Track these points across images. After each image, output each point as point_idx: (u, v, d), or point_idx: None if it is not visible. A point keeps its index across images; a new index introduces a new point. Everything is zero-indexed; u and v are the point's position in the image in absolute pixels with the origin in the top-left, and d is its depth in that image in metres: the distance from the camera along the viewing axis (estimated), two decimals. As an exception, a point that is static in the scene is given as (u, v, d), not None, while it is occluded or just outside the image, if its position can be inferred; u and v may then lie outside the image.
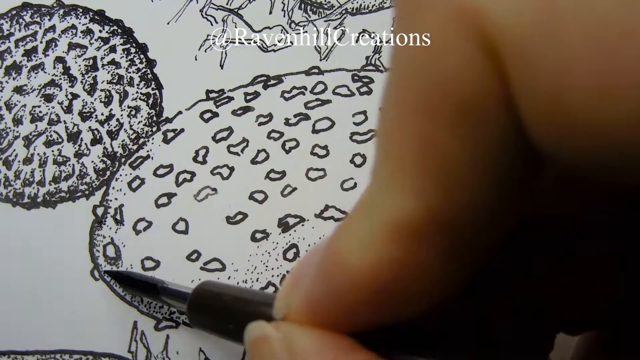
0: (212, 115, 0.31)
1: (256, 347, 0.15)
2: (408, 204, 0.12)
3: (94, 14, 0.32)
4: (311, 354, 0.13)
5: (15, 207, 0.30)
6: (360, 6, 0.33)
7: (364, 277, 0.12)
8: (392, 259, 0.12)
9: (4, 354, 0.28)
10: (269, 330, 0.15)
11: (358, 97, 0.31)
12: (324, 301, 0.14)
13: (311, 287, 0.14)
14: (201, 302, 0.21)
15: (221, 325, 0.20)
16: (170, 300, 0.25)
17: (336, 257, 0.13)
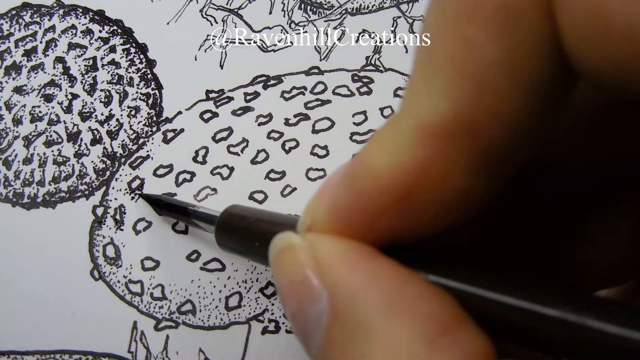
0: (212, 115, 0.31)
1: (281, 257, 0.15)
2: (439, 106, 0.12)
3: (93, 14, 0.32)
4: (336, 260, 0.13)
5: (15, 207, 0.30)
6: (360, 6, 0.33)
7: (389, 179, 0.12)
8: (418, 161, 0.12)
9: (4, 354, 0.28)
10: (295, 240, 0.15)
11: (358, 97, 0.31)
12: (348, 207, 0.13)
13: (336, 193, 0.14)
14: (228, 223, 0.22)
15: (247, 244, 0.20)
16: (200, 223, 0.26)
17: (363, 162, 0.13)
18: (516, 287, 0.12)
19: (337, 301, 0.13)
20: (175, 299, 0.28)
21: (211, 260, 0.29)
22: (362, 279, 0.13)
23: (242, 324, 0.28)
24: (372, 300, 0.12)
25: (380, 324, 0.12)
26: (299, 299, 0.14)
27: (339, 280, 0.13)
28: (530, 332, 0.12)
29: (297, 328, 0.14)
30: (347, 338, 0.12)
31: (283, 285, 0.14)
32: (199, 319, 0.28)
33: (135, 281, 0.29)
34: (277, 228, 0.16)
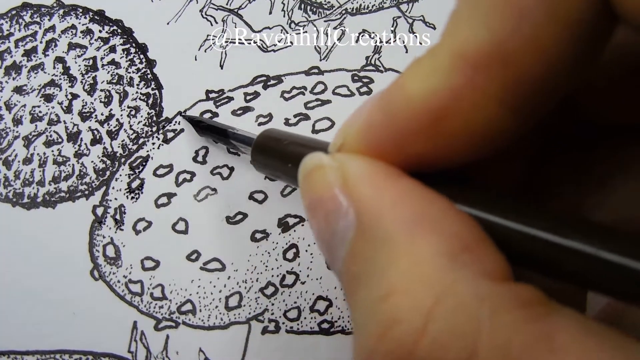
0: (212, 115, 0.31)
1: (311, 175, 0.15)
2: (478, 35, 0.12)
3: (93, 14, 0.32)
4: (363, 179, 0.14)
5: (15, 207, 0.30)
6: (360, 6, 0.33)
7: (422, 104, 0.13)
8: (452, 87, 0.12)
9: (4, 354, 0.28)
10: (325, 159, 0.15)
11: (358, 97, 0.31)
12: (380, 129, 0.14)
13: (370, 114, 0.14)
14: (264, 145, 0.23)
15: (281, 165, 0.21)
16: (238, 144, 0.27)
17: (399, 87, 0.13)
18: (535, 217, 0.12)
19: (363, 216, 0.13)
20: (175, 299, 0.28)
21: (211, 260, 0.29)
22: (388, 197, 0.13)
23: (242, 324, 0.28)
24: (397, 216, 0.13)
25: (404, 238, 0.12)
26: (326, 215, 0.14)
27: (366, 197, 0.13)
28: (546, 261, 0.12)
29: (323, 243, 0.14)
30: (371, 251, 0.13)
31: (311, 202, 0.15)
32: (199, 319, 0.28)
33: (135, 281, 0.29)
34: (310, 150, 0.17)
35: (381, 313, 0.12)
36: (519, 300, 0.11)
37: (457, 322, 0.11)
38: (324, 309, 0.28)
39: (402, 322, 0.11)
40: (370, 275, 0.13)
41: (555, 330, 0.10)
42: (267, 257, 0.29)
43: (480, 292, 0.11)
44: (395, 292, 0.12)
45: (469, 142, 0.13)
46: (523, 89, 0.12)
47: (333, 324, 0.28)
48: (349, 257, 0.13)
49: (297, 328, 0.28)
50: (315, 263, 0.29)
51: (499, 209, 0.13)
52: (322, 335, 0.28)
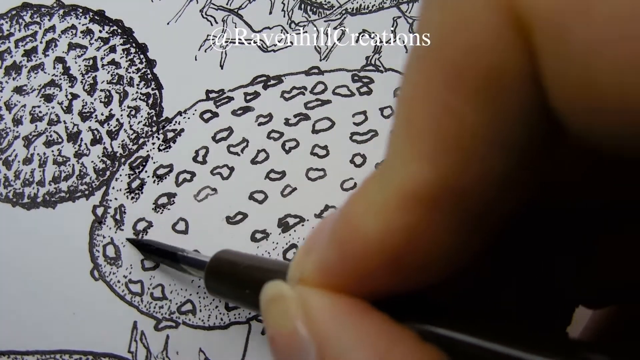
0: (212, 115, 0.31)
1: (271, 305, 0.15)
2: (423, 172, 0.12)
3: (94, 14, 0.32)
4: (325, 313, 0.13)
5: (15, 207, 0.30)
6: (360, 6, 0.33)
7: (376, 243, 0.13)
8: (405, 226, 0.12)
9: (4, 354, 0.28)
10: (285, 289, 0.15)
11: (358, 97, 0.31)
12: (336, 267, 0.14)
13: (324, 253, 0.14)
14: (218, 269, 0.22)
15: (237, 291, 0.20)
16: (189, 268, 0.25)
17: (349, 224, 0.13)
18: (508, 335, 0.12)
19: (325, 356, 0.13)
20: (175, 298, 0.28)
21: (211, 260, 0.29)
22: (350, 336, 0.13)
23: (242, 324, 0.28)
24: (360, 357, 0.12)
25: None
26: (288, 350, 0.14)
27: (328, 335, 0.13)
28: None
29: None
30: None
31: (272, 335, 0.14)
32: (199, 319, 0.28)
33: (135, 281, 0.29)
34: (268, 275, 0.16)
35: None
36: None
37: None
38: (324, 309, 0.28)
39: None
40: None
41: None
42: (267, 257, 0.29)
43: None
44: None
45: (429, 270, 0.13)
46: (476, 214, 0.12)
47: (333, 324, 0.28)
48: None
49: (297, 328, 0.28)
50: (315, 263, 0.29)
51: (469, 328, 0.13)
52: (322, 335, 0.28)
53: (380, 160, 0.30)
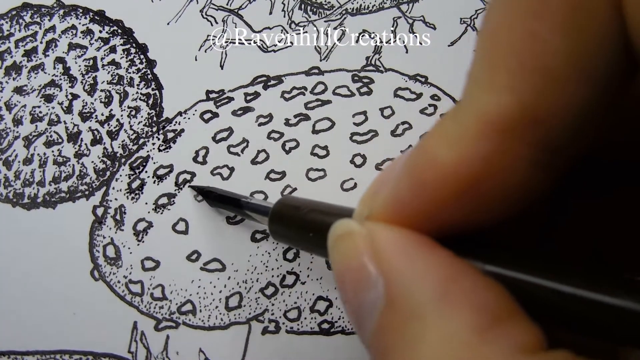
0: (212, 115, 0.31)
1: (339, 243, 0.15)
2: (504, 100, 0.12)
3: (94, 14, 0.32)
4: (393, 249, 0.14)
5: (15, 208, 0.30)
6: (360, 6, 0.33)
7: (451, 172, 0.13)
8: (481, 155, 0.12)
9: (4, 354, 0.28)
10: (355, 227, 0.15)
11: (358, 98, 0.31)
12: (409, 198, 0.14)
13: (397, 184, 0.14)
14: (282, 214, 0.22)
15: (301, 234, 0.20)
16: (253, 214, 0.26)
17: (425, 154, 0.13)
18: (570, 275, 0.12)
19: (392, 289, 0.13)
20: (175, 299, 0.28)
21: (211, 260, 0.29)
22: (418, 269, 0.13)
23: (242, 324, 0.28)
24: (426, 289, 0.13)
25: (433, 312, 0.12)
26: (355, 285, 0.14)
27: (396, 268, 0.13)
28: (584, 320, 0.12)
29: (352, 313, 0.14)
30: (400, 325, 0.13)
31: (340, 271, 0.15)
32: (199, 319, 0.28)
33: (135, 281, 0.29)
34: (331, 219, 0.17)
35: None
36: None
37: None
38: (324, 309, 0.28)
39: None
40: (400, 350, 0.13)
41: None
42: (267, 257, 0.29)
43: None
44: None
45: (500, 205, 0.13)
46: (552, 147, 0.12)
47: (333, 324, 0.28)
48: (378, 328, 0.13)
49: (297, 328, 0.28)
50: (315, 263, 0.29)
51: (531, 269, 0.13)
52: (322, 336, 0.28)
53: (380, 161, 0.30)
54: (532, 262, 0.13)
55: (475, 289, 0.13)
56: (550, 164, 0.12)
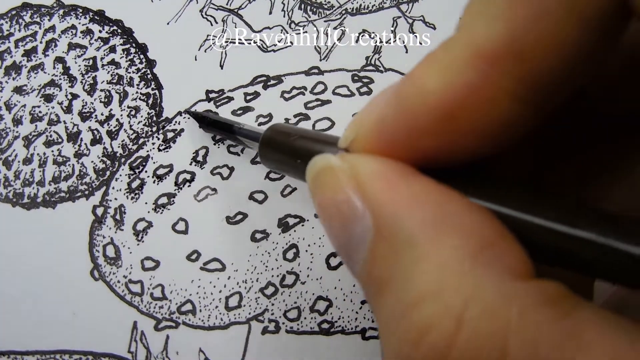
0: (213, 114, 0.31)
1: (320, 177, 0.15)
2: (495, 30, 0.12)
3: (93, 14, 0.32)
4: (377, 179, 0.14)
5: (15, 207, 0.30)
6: (360, 6, 0.33)
7: (438, 99, 0.13)
8: (468, 83, 0.12)
9: (4, 354, 0.28)
10: (334, 161, 0.15)
11: (358, 97, 0.31)
12: (395, 124, 0.14)
13: (384, 110, 0.14)
14: (272, 140, 0.22)
15: (289, 161, 0.20)
16: (245, 140, 0.27)
17: (413, 81, 0.13)
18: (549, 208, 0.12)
19: (381, 220, 0.13)
20: (175, 299, 0.28)
21: (211, 260, 0.29)
22: (404, 197, 0.13)
23: (242, 324, 0.28)
24: (415, 217, 0.13)
25: (424, 240, 0.12)
26: (342, 218, 0.14)
27: (382, 198, 0.13)
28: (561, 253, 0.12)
29: (340, 246, 0.14)
30: (392, 254, 0.13)
31: (324, 205, 0.15)
32: (199, 319, 0.28)
33: (135, 281, 0.29)
34: (319, 146, 0.17)
35: (413, 320, 0.12)
36: (545, 298, 0.11)
37: (487, 324, 0.11)
38: (324, 309, 0.28)
39: (435, 327, 0.12)
40: (395, 280, 0.13)
41: (582, 327, 0.11)
42: (267, 257, 0.29)
43: (507, 292, 0.11)
44: (424, 298, 0.12)
45: (483, 136, 0.13)
46: (538, 83, 0.12)
47: (333, 324, 0.28)
48: (370, 260, 0.13)
49: (297, 328, 0.28)
50: (315, 263, 0.29)
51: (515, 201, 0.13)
52: (322, 336, 0.28)
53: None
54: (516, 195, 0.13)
55: (464, 213, 0.13)
56: (535, 100, 0.13)
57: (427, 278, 0.12)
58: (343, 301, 0.28)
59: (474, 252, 0.12)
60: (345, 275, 0.28)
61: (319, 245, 0.29)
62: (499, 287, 0.11)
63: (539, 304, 0.11)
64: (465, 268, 0.12)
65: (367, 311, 0.28)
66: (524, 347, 0.11)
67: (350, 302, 0.28)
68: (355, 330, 0.28)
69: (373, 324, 0.28)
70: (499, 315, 0.11)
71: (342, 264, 0.28)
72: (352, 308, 0.28)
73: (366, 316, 0.28)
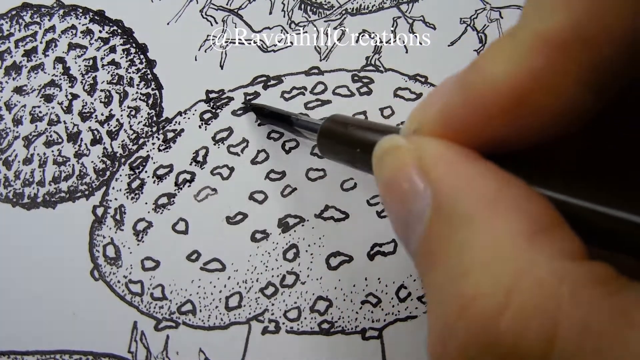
0: (212, 115, 0.31)
1: (386, 157, 0.15)
2: (559, 17, 0.12)
3: (94, 14, 0.32)
4: (441, 160, 0.14)
5: (15, 207, 0.30)
6: (360, 6, 0.33)
7: (504, 86, 0.13)
8: (534, 71, 0.13)
9: (4, 354, 0.28)
10: (401, 141, 0.15)
11: (358, 97, 0.31)
12: (459, 112, 0.14)
13: (448, 99, 0.14)
14: (331, 130, 0.22)
15: (349, 151, 0.20)
16: (303, 131, 0.27)
17: (478, 68, 0.14)
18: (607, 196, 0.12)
19: (440, 196, 0.13)
20: (175, 299, 0.28)
21: (211, 260, 0.29)
22: (465, 177, 0.13)
23: (242, 324, 0.28)
24: (474, 195, 0.13)
25: (481, 217, 0.12)
26: (402, 195, 0.14)
27: (443, 177, 0.13)
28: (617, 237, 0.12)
29: (399, 223, 0.15)
30: (449, 230, 0.13)
31: (387, 184, 0.15)
32: (199, 319, 0.28)
33: (135, 281, 0.29)
34: (378, 135, 0.17)
35: (461, 289, 0.12)
36: (595, 278, 0.11)
37: (537, 299, 0.11)
38: (324, 309, 0.28)
39: (483, 297, 0.12)
40: (448, 254, 0.13)
41: (631, 306, 0.11)
42: (267, 257, 0.29)
43: (559, 270, 0.11)
44: (474, 269, 0.12)
45: (549, 122, 0.13)
46: (602, 69, 0.12)
47: (333, 324, 0.28)
48: (427, 236, 0.13)
49: (297, 328, 0.28)
50: (315, 263, 0.29)
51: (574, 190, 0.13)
52: (322, 336, 0.28)
53: (380, 161, 0.30)
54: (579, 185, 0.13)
55: (522, 198, 0.13)
56: (601, 86, 0.13)
57: (479, 251, 0.12)
58: (343, 301, 0.28)
59: (529, 232, 0.12)
60: (345, 275, 0.28)
61: (319, 245, 0.29)
62: (552, 265, 0.11)
63: (589, 283, 0.11)
64: (519, 245, 0.12)
65: (367, 311, 0.28)
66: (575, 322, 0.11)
67: (350, 302, 0.28)
68: (355, 330, 0.28)
69: (373, 324, 0.28)
70: (551, 291, 0.11)
71: (342, 264, 0.29)
72: (352, 308, 0.28)
73: (366, 316, 0.28)
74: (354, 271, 0.28)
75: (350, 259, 0.28)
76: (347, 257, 0.29)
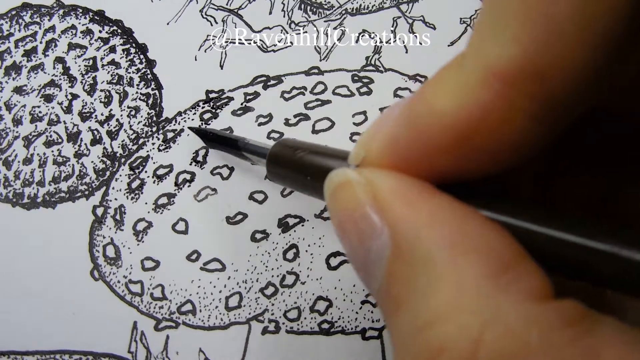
0: (212, 115, 0.31)
1: (338, 193, 0.15)
2: (509, 50, 0.12)
3: (93, 14, 0.32)
4: (396, 196, 0.13)
5: (15, 207, 0.30)
6: (360, 6, 0.33)
7: (452, 120, 0.13)
8: (482, 102, 0.12)
9: (4, 354, 0.28)
10: (352, 175, 0.15)
11: (358, 97, 0.31)
12: (407, 144, 0.14)
13: (394, 129, 0.14)
14: (279, 156, 0.22)
15: (298, 178, 0.20)
16: (250, 156, 0.26)
17: (424, 100, 0.13)
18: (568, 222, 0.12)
19: (399, 237, 0.13)
20: (175, 299, 0.28)
21: (211, 260, 0.29)
22: (423, 216, 0.13)
23: (242, 324, 0.28)
24: (434, 236, 0.12)
25: (443, 260, 0.12)
26: (359, 234, 0.14)
27: (400, 216, 0.13)
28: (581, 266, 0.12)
29: (358, 262, 0.14)
30: (410, 273, 0.13)
31: (341, 221, 0.15)
32: (199, 319, 0.28)
33: (135, 281, 0.29)
34: (328, 162, 0.17)
35: (427, 340, 0.12)
36: (564, 319, 0.11)
37: (506, 347, 0.11)
38: (324, 309, 0.28)
39: (450, 350, 0.11)
40: (411, 299, 0.12)
41: (601, 346, 0.11)
42: (267, 257, 0.29)
43: (527, 315, 0.11)
44: (440, 318, 0.12)
45: (498, 155, 0.13)
46: (553, 101, 0.12)
47: (333, 324, 0.28)
48: (387, 278, 0.13)
49: (297, 328, 0.28)
50: (315, 263, 0.29)
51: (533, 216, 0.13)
52: (322, 336, 0.28)
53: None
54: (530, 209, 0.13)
55: (482, 233, 0.12)
56: (551, 118, 0.12)
57: (444, 298, 0.12)
58: (343, 301, 0.28)
59: (494, 274, 0.12)
60: (345, 275, 0.28)
61: (319, 245, 0.29)
62: (520, 310, 0.11)
63: (559, 325, 0.11)
64: (484, 290, 0.12)
65: (367, 311, 0.28)
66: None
67: (350, 302, 0.28)
68: (355, 330, 0.28)
69: (373, 324, 0.28)
70: (519, 338, 0.11)
71: (342, 264, 0.28)
72: (352, 308, 0.28)
73: (366, 316, 0.28)
74: (354, 271, 0.28)
75: (350, 259, 0.28)
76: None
